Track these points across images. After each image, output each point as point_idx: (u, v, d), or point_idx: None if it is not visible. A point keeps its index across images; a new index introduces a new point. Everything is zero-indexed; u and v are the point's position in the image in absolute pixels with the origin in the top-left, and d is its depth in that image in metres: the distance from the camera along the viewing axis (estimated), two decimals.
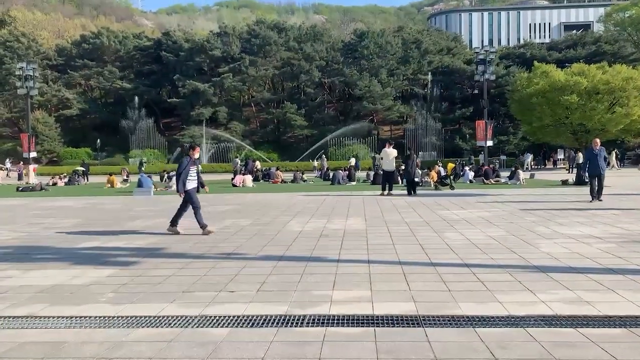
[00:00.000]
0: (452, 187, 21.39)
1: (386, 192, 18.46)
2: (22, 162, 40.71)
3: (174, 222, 9.85)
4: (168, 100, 63.24)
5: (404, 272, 6.16)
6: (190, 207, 9.81)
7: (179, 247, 8.35)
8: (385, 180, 19.00)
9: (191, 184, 9.79)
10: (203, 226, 9.71)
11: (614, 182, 22.28)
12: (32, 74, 39.39)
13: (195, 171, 9.93)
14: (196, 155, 10.06)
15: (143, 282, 5.98)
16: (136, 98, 61.19)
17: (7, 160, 48.87)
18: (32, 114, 48.34)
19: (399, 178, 25.78)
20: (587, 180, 21.70)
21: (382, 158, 19.82)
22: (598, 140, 15.29)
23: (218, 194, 20.73)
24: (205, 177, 40.40)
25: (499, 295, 5.09)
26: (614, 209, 12.57)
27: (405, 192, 18.92)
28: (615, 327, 4.17)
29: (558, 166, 47.14)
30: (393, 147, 19.55)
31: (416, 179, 24.24)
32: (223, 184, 27.25)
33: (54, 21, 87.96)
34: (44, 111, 60.43)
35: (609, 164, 15.03)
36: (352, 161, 42.17)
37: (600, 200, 14.40)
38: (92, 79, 65.13)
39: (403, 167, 28.75)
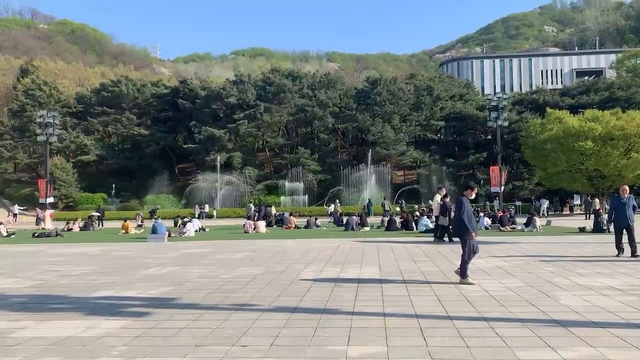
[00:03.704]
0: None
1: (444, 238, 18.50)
2: (38, 208, 41.13)
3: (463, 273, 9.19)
4: (184, 146, 64.14)
5: (421, 326, 6.04)
6: (465, 249, 9.16)
7: (193, 297, 8.29)
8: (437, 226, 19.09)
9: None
10: (464, 275, 9.14)
11: None
12: (52, 121, 40.44)
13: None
14: (472, 196, 9.63)
15: (156, 335, 5.92)
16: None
17: (16, 205, 49.56)
18: (50, 159, 49.20)
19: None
20: (605, 227, 21.49)
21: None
22: (627, 187, 13.35)
23: (231, 240, 20.71)
24: (218, 222, 40.06)
25: (519, 352, 4.95)
26: (633, 259, 12.30)
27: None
28: None
29: (575, 212, 46.56)
30: (443, 195, 19.37)
31: (431, 226, 24.16)
32: (236, 230, 27.24)
33: (75, 70, 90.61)
34: (62, 157, 61.53)
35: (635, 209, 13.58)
36: (331, 207, 42.20)
37: (637, 256, 12.42)
38: (110, 126, 66.49)
39: (418, 213, 28.77)
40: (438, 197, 18.96)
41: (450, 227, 14.94)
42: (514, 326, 6.02)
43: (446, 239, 18.36)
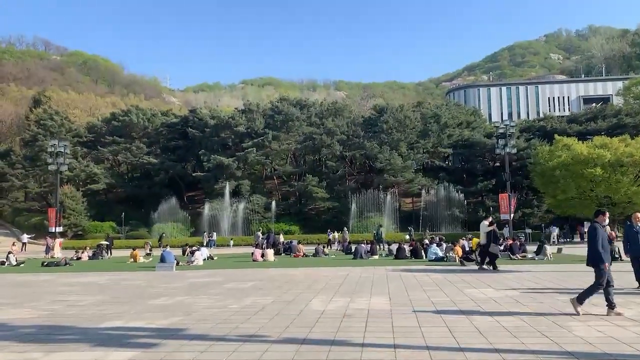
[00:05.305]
0: (478, 263, 20.92)
1: (486, 266, 18.53)
2: (47, 237, 41.33)
3: (610, 304, 8.68)
4: (193, 174, 64.49)
5: (432, 358, 5.96)
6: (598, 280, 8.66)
7: (201, 328, 8.24)
8: (482, 253, 19.20)
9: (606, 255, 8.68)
10: (612, 305, 8.66)
11: None
12: (63, 150, 40.88)
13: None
14: (606, 221, 9.05)
15: None
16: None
17: (24, 234, 49.96)
18: (60, 188, 49.58)
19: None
20: (617, 256, 21.23)
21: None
22: (639, 215, 12.28)
23: (240, 269, 20.64)
24: (227, 251, 39.90)
25: None
26: None
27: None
28: None
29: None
30: (490, 222, 19.45)
31: (440, 254, 24.00)
32: (245, 258, 27.15)
33: (86, 100, 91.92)
34: (72, 185, 61.97)
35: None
36: (334, 235, 42.20)
37: None
38: (120, 155, 67.06)
39: (427, 241, 28.57)
40: (486, 224, 18.99)
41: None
42: (526, 358, 5.92)
43: (490, 266, 18.50)
